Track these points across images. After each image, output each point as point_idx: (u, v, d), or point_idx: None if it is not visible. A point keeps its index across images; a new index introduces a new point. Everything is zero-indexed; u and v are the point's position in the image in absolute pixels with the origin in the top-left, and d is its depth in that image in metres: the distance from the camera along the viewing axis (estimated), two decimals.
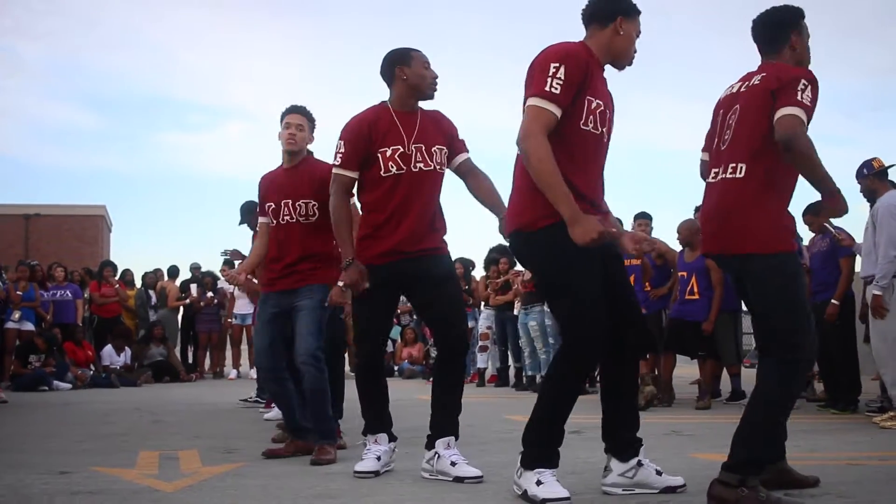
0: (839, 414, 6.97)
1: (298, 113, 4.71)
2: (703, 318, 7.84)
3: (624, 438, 3.44)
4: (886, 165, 6.50)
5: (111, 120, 62.44)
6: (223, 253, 6.49)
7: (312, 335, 4.46)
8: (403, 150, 3.93)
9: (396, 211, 3.93)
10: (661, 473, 3.44)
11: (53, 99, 60.02)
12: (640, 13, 3.46)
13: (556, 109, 3.20)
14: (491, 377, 11.82)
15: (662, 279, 8.62)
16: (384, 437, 4.03)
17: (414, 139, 3.96)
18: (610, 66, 3.46)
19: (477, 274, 12.41)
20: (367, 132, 3.96)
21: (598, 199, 3.39)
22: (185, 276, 14.37)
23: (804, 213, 7.41)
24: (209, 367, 14.15)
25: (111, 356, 12.32)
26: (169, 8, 58.72)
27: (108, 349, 12.37)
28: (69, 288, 12.51)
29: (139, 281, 14.18)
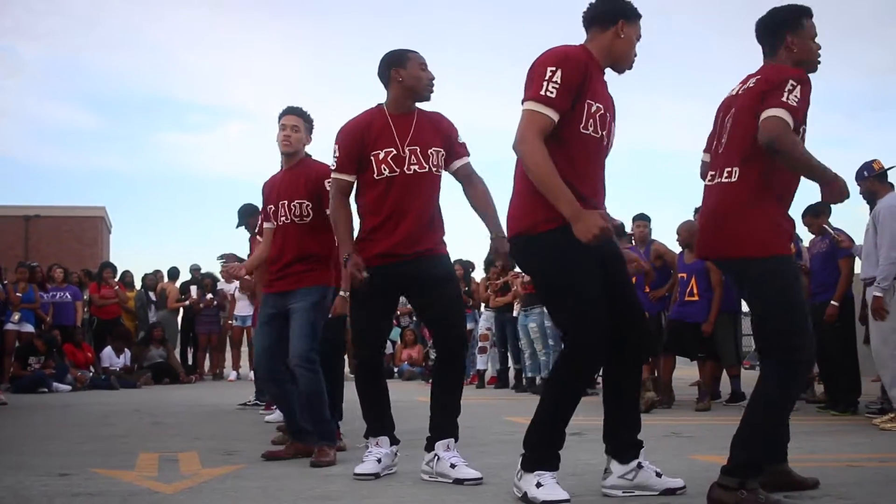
0: (839, 415, 6.97)
1: (294, 114, 4.72)
2: (702, 319, 7.85)
3: (624, 440, 3.44)
4: (886, 167, 6.50)
5: (111, 120, 62.57)
6: (220, 257, 6.58)
7: (305, 338, 4.46)
8: (397, 152, 3.93)
9: (391, 213, 3.93)
10: (660, 475, 3.44)
11: (53, 99, 60.15)
12: (640, 17, 3.45)
13: (552, 113, 3.19)
14: (491, 379, 11.81)
15: (662, 281, 8.62)
16: (385, 439, 4.03)
17: (409, 141, 3.94)
18: (610, 69, 3.45)
19: (477, 275, 12.43)
20: (359, 136, 3.98)
21: (599, 202, 3.38)
22: (185, 277, 14.38)
23: (803, 214, 7.43)
24: (209, 368, 14.14)
25: (111, 358, 12.31)
26: (169, 8, 58.86)
27: (107, 351, 12.37)
28: (69, 290, 12.50)
29: (139, 282, 14.18)
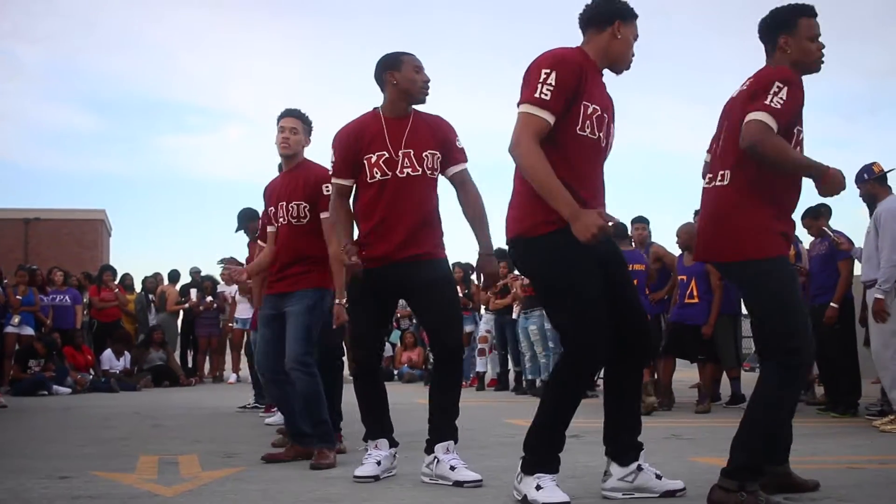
0: (839, 417, 6.98)
1: (292, 116, 4.73)
2: (702, 321, 7.85)
3: (624, 442, 3.44)
4: (886, 170, 6.51)
5: (110, 122, 62.40)
6: (220, 261, 6.63)
7: (300, 341, 4.47)
8: (389, 155, 3.93)
9: (385, 217, 3.94)
10: (660, 477, 3.43)
11: (52, 102, 60.04)
12: (637, 17, 3.44)
13: (547, 115, 3.19)
14: (491, 381, 11.81)
15: (661, 283, 8.63)
16: (384, 442, 4.03)
17: (403, 144, 3.94)
18: (608, 70, 3.45)
19: (475, 276, 12.41)
20: (352, 140, 4.00)
21: (598, 204, 3.36)
22: (185, 280, 14.37)
23: (803, 216, 7.44)
24: (209, 371, 14.14)
25: (111, 360, 12.31)
26: (168, 9, 58.68)
27: (107, 353, 12.36)
28: (68, 293, 12.50)
29: (139, 285, 14.18)
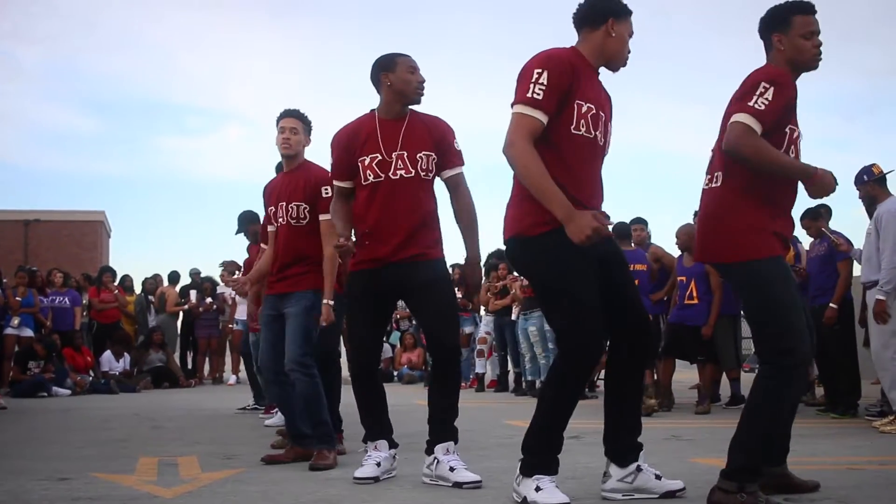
0: (839, 418, 6.98)
1: (292, 117, 4.74)
2: (702, 322, 7.85)
3: (624, 443, 3.44)
4: (886, 171, 6.51)
5: (110, 123, 62.27)
6: (221, 265, 6.68)
7: (297, 342, 4.47)
8: (382, 157, 3.94)
9: (378, 218, 3.94)
10: (660, 478, 3.43)
11: (52, 102, 59.96)
12: (631, 13, 3.43)
13: (539, 115, 3.19)
14: (491, 382, 11.81)
15: (660, 284, 8.63)
16: (384, 443, 4.02)
17: (397, 146, 3.94)
18: (605, 68, 3.44)
19: None
20: (347, 143, 4.03)
21: (595, 204, 3.36)
22: (184, 281, 14.37)
23: (802, 217, 7.45)
24: (208, 372, 14.13)
25: (110, 362, 12.32)
26: (168, 9, 58.62)
27: (107, 355, 12.37)
28: (68, 294, 12.50)
29: (139, 287, 14.18)
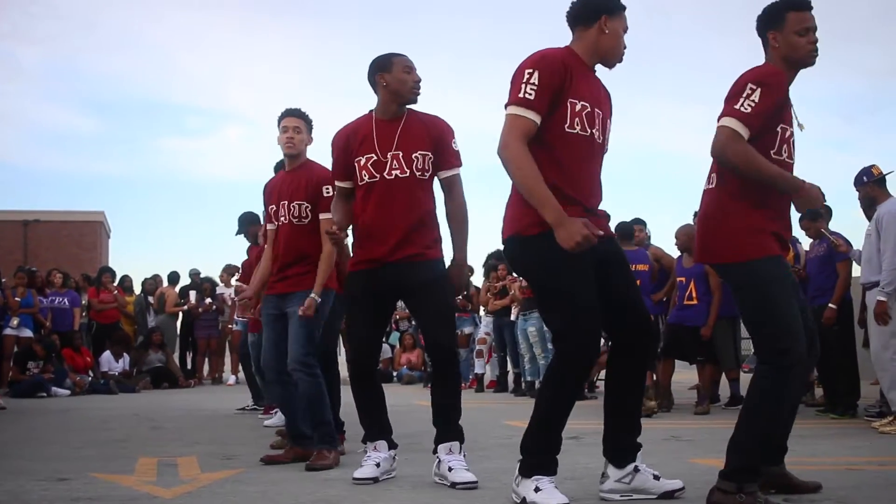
0: (838, 419, 6.98)
1: (294, 116, 4.74)
2: (701, 323, 7.85)
3: (622, 443, 3.43)
4: (885, 172, 6.51)
5: (110, 124, 62.22)
6: (225, 269, 6.71)
7: (300, 343, 4.48)
8: (377, 157, 3.94)
9: (374, 218, 3.95)
10: (658, 478, 3.42)
11: (52, 103, 59.94)
12: (624, 9, 3.42)
13: (532, 115, 3.20)
14: (490, 383, 11.81)
15: (660, 284, 8.63)
16: (383, 444, 4.02)
17: (392, 146, 3.94)
18: (601, 65, 3.43)
19: (475, 279, 12.41)
20: (344, 143, 4.05)
21: (593, 203, 3.36)
22: (184, 281, 14.36)
23: (801, 218, 7.43)
24: (208, 373, 14.12)
25: (110, 362, 12.31)
26: (168, 10, 58.60)
27: (106, 355, 12.36)
28: (67, 295, 12.49)
29: (138, 287, 14.18)
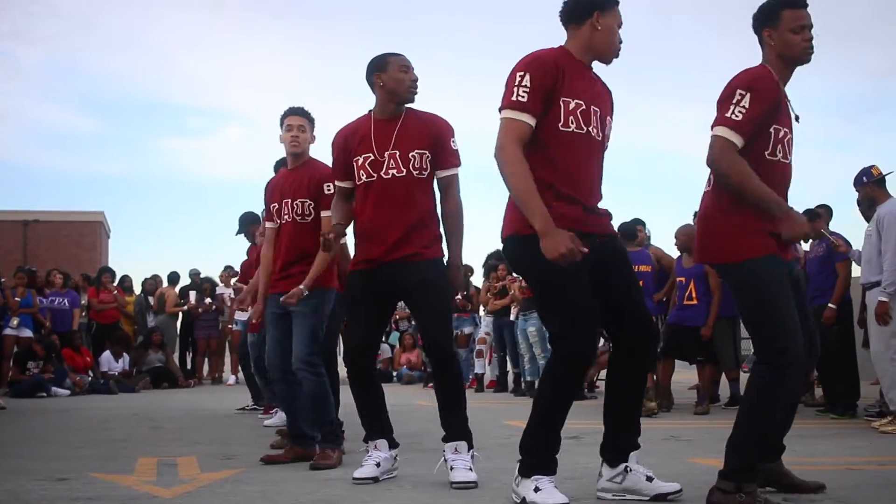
0: (838, 418, 6.98)
1: (298, 114, 4.74)
2: (701, 323, 7.85)
3: (618, 443, 3.42)
4: (885, 173, 6.51)
5: (110, 123, 62.24)
6: (225, 269, 6.73)
7: (305, 342, 4.48)
8: (374, 157, 3.94)
9: (371, 218, 3.96)
10: (651, 479, 3.38)
11: (52, 102, 59.96)
12: (617, 3, 3.40)
13: (526, 118, 3.21)
14: (490, 383, 11.81)
15: (660, 285, 8.63)
16: (384, 443, 4.02)
17: (390, 146, 3.94)
18: (598, 62, 3.42)
19: (475, 279, 12.42)
20: (344, 143, 4.06)
21: (592, 201, 3.35)
22: (184, 282, 14.35)
23: None
24: (207, 373, 14.13)
25: (109, 362, 12.31)
26: (168, 10, 58.62)
27: (106, 355, 12.36)
28: (67, 296, 12.48)
29: (138, 287, 14.17)
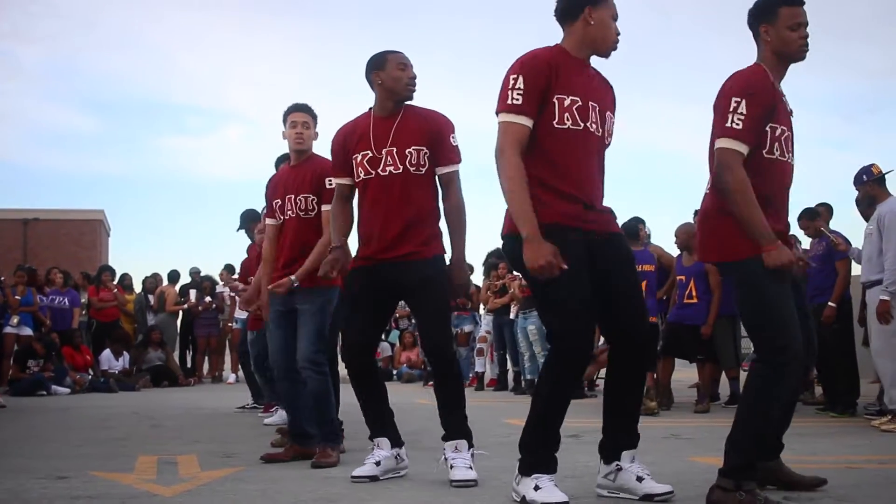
0: (838, 417, 6.99)
1: (302, 111, 4.73)
2: (701, 321, 7.85)
3: (613, 441, 3.43)
4: (885, 171, 6.51)
5: (110, 123, 62.35)
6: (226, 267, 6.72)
7: (311, 340, 4.47)
8: (372, 154, 3.94)
9: (370, 215, 3.97)
10: (641, 479, 3.35)
11: (52, 102, 60.04)
12: None
13: (523, 120, 3.22)
14: (490, 381, 11.82)
15: (660, 283, 8.63)
16: (385, 441, 4.00)
17: (387, 143, 3.93)
18: (596, 56, 3.41)
19: (475, 277, 12.41)
20: (343, 141, 4.07)
21: (593, 198, 3.34)
22: (184, 280, 14.35)
23: (799, 217, 7.47)
24: (207, 371, 14.13)
25: (109, 361, 12.31)
26: (168, 9, 58.69)
27: (106, 353, 12.36)
28: (68, 295, 12.45)
29: (139, 286, 14.17)
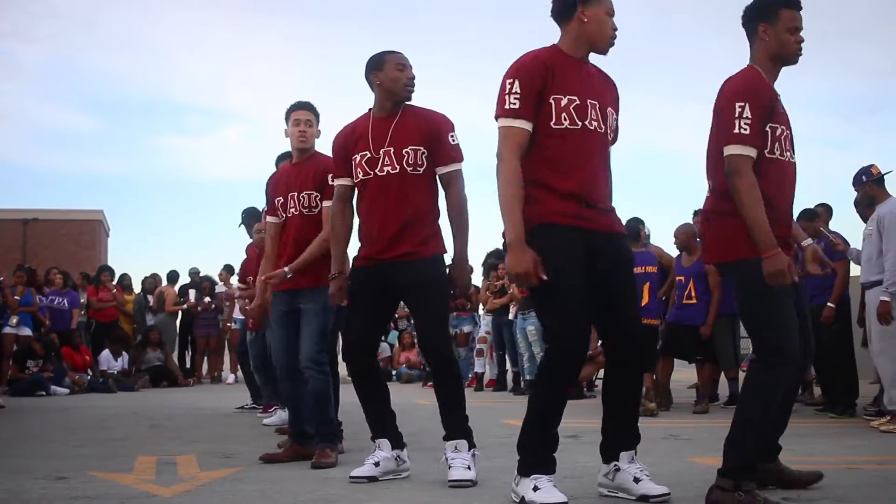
0: (837, 418, 6.99)
1: (305, 109, 4.73)
2: (700, 322, 7.85)
3: (611, 441, 3.43)
4: (884, 172, 6.51)
5: (109, 123, 62.39)
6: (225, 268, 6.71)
7: (314, 340, 4.47)
8: (371, 155, 3.95)
9: (367, 216, 3.97)
10: (638, 481, 3.35)
11: (52, 102, 60.04)
12: None
13: (522, 123, 3.23)
14: (489, 382, 11.82)
15: (660, 283, 8.62)
16: (385, 442, 4.00)
17: (386, 142, 3.93)
18: (595, 53, 3.42)
19: (474, 278, 12.42)
20: (343, 142, 4.07)
21: (595, 196, 3.32)
22: (183, 280, 14.34)
23: (798, 218, 7.42)
24: (207, 371, 14.13)
25: (108, 361, 12.31)
26: (168, 9, 58.74)
27: (105, 354, 12.36)
28: (67, 296, 12.43)
29: (138, 286, 14.17)
